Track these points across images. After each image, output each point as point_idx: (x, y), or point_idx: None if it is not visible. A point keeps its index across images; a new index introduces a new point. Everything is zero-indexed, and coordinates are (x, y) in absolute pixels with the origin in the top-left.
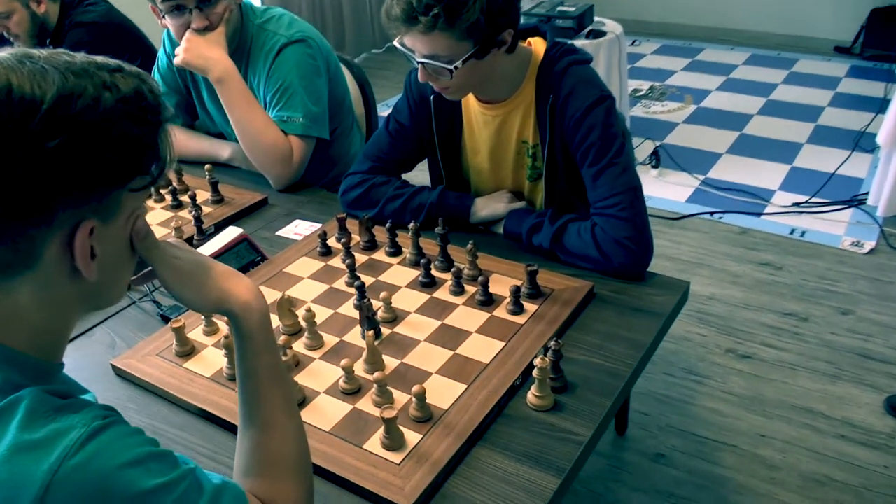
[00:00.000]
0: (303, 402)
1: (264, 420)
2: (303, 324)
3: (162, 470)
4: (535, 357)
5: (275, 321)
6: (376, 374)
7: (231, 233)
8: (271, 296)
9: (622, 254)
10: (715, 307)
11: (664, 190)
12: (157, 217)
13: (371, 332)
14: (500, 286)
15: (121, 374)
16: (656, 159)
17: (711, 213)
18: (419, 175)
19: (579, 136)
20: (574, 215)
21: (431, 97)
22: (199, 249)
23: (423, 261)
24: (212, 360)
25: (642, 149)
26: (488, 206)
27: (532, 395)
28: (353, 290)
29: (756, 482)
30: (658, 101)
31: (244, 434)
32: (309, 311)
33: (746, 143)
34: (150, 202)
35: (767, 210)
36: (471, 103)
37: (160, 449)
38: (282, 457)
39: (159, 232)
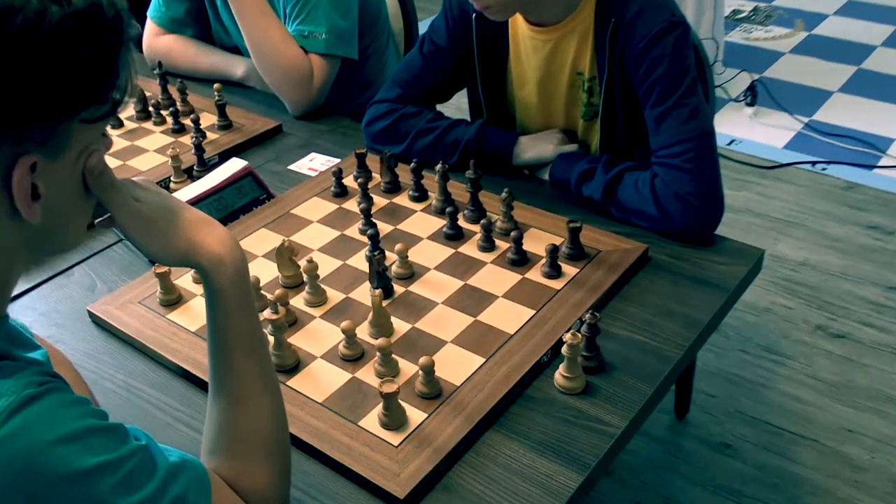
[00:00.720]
0: (296, 367)
1: (234, 393)
2: (304, 276)
3: (105, 446)
4: (568, 331)
5: (272, 272)
6: (380, 341)
7: (234, 165)
8: (272, 241)
9: (685, 212)
10: (807, 275)
11: (759, 133)
12: (155, 142)
13: (379, 291)
14: (537, 243)
15: (98, 321)
16: (752, 96)
17: (813, 164)
18: (455, 112)
19: (643, 68)
20: (632, 163)
21: (473, 15)
22: (198, 182)
23: (449, 209)
24: (199, 311)
25: (736, 82)
26: (535, 147)
27: (560, 374)
28: (366, 239)
29: (837, 484)
30: (761, 26)
31: (212, 406)
32: (311, 261)
33: (864, 80)
34: (147, 125)
35: (882, 163)
36: (519, 25)
37: (105, 422)
38: (253, 435)
39: (154, 160)
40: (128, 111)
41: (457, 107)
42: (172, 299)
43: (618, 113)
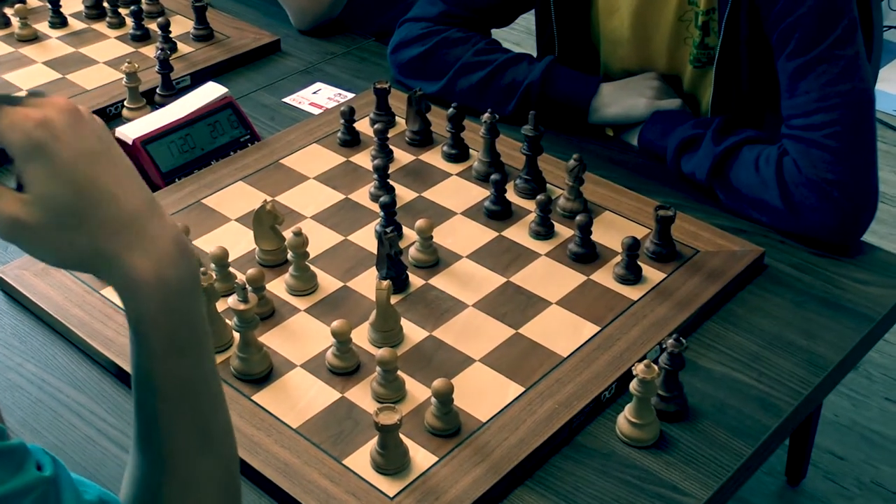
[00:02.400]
0: (266, 377)
1: (160, 453)
2: (289, 253)
3: None
4: (641, 360)
5: (247, 243)
6: (383, 351)
7: (211, 91)
8: (251, 200)
9: (821, 207)
10: None
11: None
12: (107, 51)
13: (388, 283)
14: (612, 234)
15: (6, 290)
16: None
17: None
18: (516, 45)
19: (781, 4)
20: (755, 133)
21: None
22: (160, 111)
23: (495, 175)
24: None
25: None
26: (621, 99)
27: (625, 419)
28: (377, 208)
29: None
30: None
31: (134, 459)
32: (299, 233)
33: None
34: (99, 26)
35: None
36: None
37: (2, 442)
38: None
39: (104, 76)
40: (74, 5)
41: (525, 31)
42: None
43: (742, 61)
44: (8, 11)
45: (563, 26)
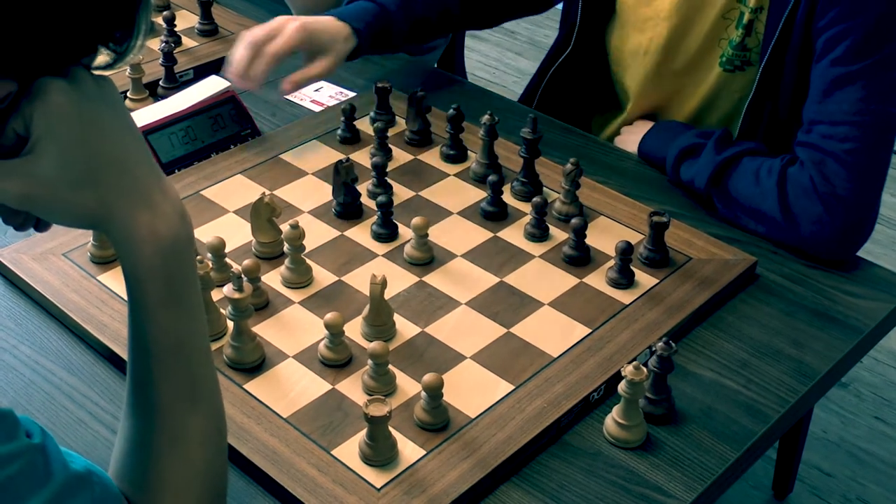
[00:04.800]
0: (258, 367)
1: (151, 409)
2: (285, 245)
3: None
4: (631, 362)
5: (244, 235)
6: (375, 345)
7: (213, 85)
8: (250, 193)
9: (820, 219)
10: None
11: None
12: None
13: (382, 277)
14: (606, 238)
15: (4, 273)
16: None
17: None
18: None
19: (841, 7)
20: (756, 145)
21: None
22: (162, 103)
23: (492, 177)
24: None
25: None
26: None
27: (613, 420)
28: (374, 206)
29: None
30: None
31: (125, 420)
32: (296, 226)
33: None
34: None
35: None
36: None
37: None
38: (172, 464)
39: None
40: None
41: (527, 41)
42: (108, 255)
43: (786, 66)
44: None
45: (588, 11)
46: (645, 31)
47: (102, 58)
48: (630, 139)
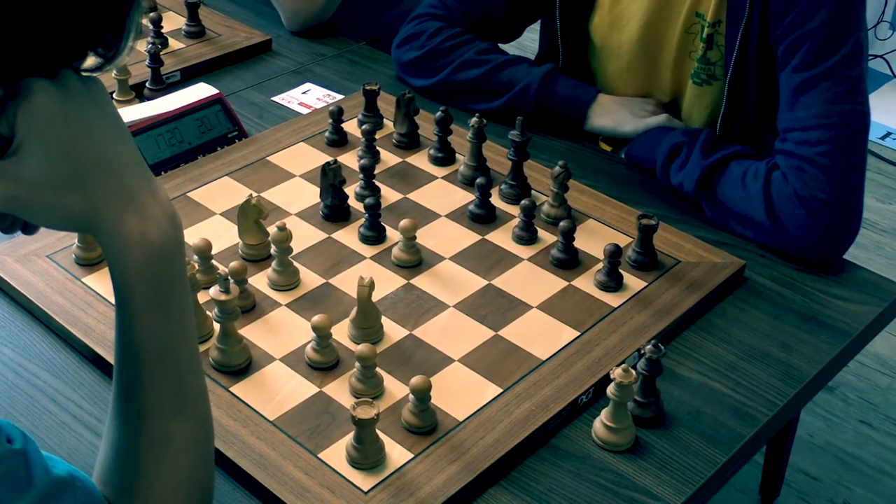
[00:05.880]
0: (245, 369)
1: (137, 412)
2: (272, 247)
3: None
4: (619, 365)
5: (231, 237)
6: (362, 347)
7: (200, 91)
8: (237, 195)
9: (805, 224)
10: None
11: None
12: None
13: (369, 279)
14: (594, 241)
15: None
16: None
17: None
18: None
19: (793, 15)
20: (742, 148)
21: None
22: (148, 104)
23: (481, 179)
24: None
25: None
26: (613, 112)
27: (602, 423)
28: (362, 208)
29: None
30: None
31: (110, 424)
32: (283, 228)
33: None
34: None
35: None
36: None
37: None
38: (158, 469)
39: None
40: None
41: (516, 47)
42: (93, 258)
43: (749, 77)
44: None
45: (568, 39)
46: (620, 56)
47: (91, 60)
48: (601, 120)
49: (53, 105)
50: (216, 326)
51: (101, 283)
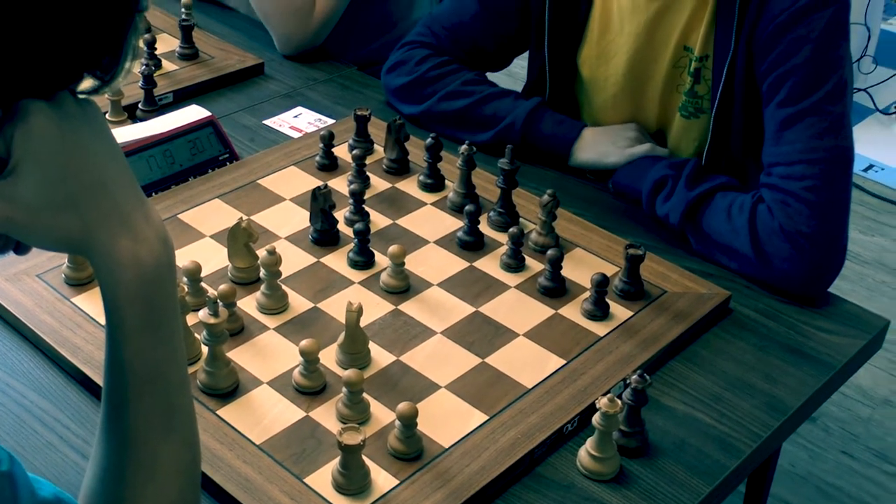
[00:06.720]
0: (232, 392)
1: (125, 436)
2: (261, 271)
3: None
4: (605, 394)
5: (221, 260)
6: (349, 373)
7: (193, 113)
8: (227, 218)
9: (791, 257)
10: None
11: None
12: None
13: (358, 304)
14: (581, 270)
15: None
16: None
17: None
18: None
19: (777, 51)
20: (727, 179)
21: None
22: (141, 125)
23: (469, 207)
24: None
25: (888, 88)
26: (596, 146)
27: (587, 452)
28: (351, 233)
29: None
30: None
31: (98, 447)
32: (273, 252)
33: None
34: None
35: None
36: None
37: None
38: (145, 492)
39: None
40: None
41: (506, 74)
42: (83, 277)
43: (735, 111)
44: None
45: (556, 71)
46: (607, 88)
47: (88, 82)
48: (585, 154)
49: (50, 127)
50: (204, 349)
51: (90, 303)
